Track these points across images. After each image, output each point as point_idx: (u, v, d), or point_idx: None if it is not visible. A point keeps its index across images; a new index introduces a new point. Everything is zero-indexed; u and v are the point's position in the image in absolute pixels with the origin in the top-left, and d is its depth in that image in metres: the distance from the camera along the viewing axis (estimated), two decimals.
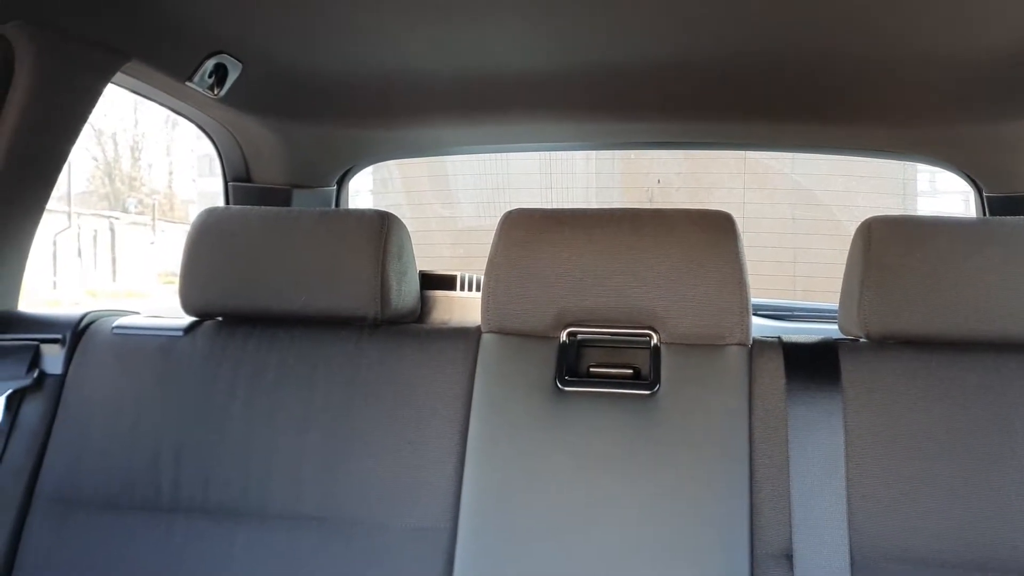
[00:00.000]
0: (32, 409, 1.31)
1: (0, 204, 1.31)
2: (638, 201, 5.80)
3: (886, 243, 1.20)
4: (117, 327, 1.36)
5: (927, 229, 1.20)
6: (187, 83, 1.52)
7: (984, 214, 1.94)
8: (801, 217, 5.71)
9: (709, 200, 5.64)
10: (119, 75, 1.42)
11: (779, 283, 5.52)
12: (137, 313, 1.45)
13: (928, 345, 1.20)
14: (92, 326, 1.38)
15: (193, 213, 6.42)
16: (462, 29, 1.41)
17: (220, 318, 1.38)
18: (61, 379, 1.33)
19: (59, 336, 1.35)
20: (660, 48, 1.46)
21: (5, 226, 1.34)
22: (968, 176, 1.94)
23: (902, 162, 1.94)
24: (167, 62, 1.47)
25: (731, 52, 1.46)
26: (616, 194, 6.11)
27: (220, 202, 1.95)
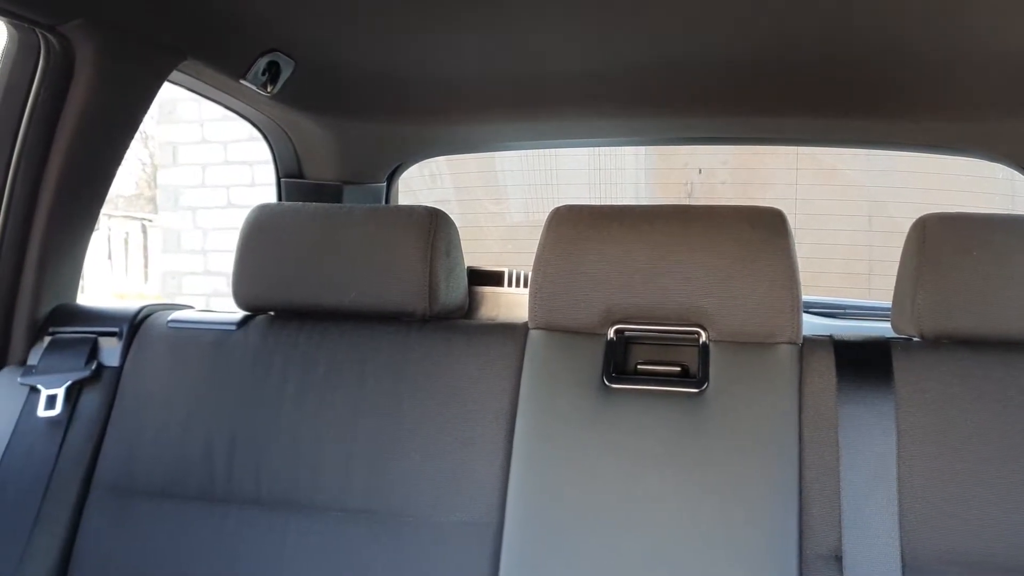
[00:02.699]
0: (90, 400, 1.34)
1: (60, 201, 1.35)
2: (676, 197, 5.53)
3: (941, 241, 1.17)
4: (172, 321, 1.39)
5: (983, 226, 1.17)
6: (241, 81, 1.55)
7: None
8: (878, 215, 5.35)
9: (764, 196, 5.41)
10: (174, 73, 1.45)
11: (845, 282, 5.23)
12: (191, 307, 1.47)
13: (983, 345, 1.17)
14: (148, 320, 1.40)
15: (158, 208, 5.74)
16: (511, 27, 1.41)
17: (272, 313, 1.40)
18: (118, 371, 1.36)
19: (116, 329, 1.38)
20: (710, 43, 1.45)
21: (65, 222, 1.38)
22: None
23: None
24: (222, 60, 1.49)
25: (783, 46, 1.44)
26: (645, 190, 5.83)
27: (184, 197, 1.94)
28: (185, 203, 5.71)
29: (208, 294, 5.61)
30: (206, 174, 5.62)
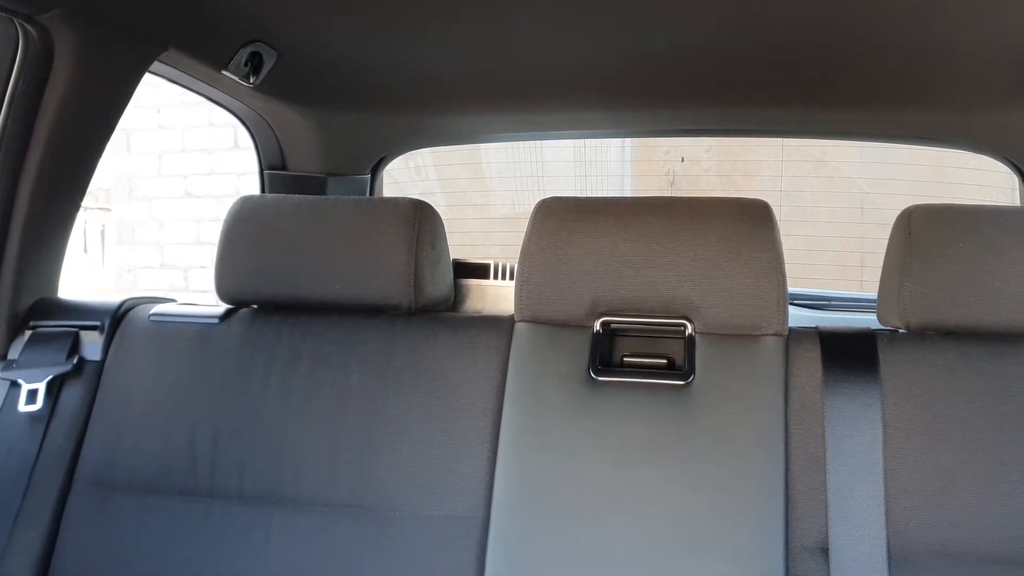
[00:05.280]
0: (72, 395, 1.33)
1: (40, 194, 1.33)
2: (658, 188, 5.43)
3: (927, 232, 1.18)
4: (154, 314, 1.38)
5: (969, 218, 1.18)
6: (223, 72, 1.53)
7: None
8: (870, 207, 5.21)
9: (749, 187, 5.34)
10: (156, 64, 1.43)
11: (837, 274, 5.14)
12: (173, 301, 1.46)
13: (969, 336, 1.18)
14: (130, 313, 1.39)
15: (112, 199, 5.41)
16: (496, 18, 1.40)
17: (255, 306, 1.39)
18: (100, 365, 1.35)
19: (98, 323, 1.37)
20: (694, 34, 1.44)
21: (46, 215, 1.36)
22: (1012, 163, 1.90)
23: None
24: (204, 51, 1.48)
25: (768, 38, 1.44)
26: (628, 181, 5.68)
27: (139, 187, 1.85)
28: (140, 193, 5.44)
29: (165, 289, 5.31)
30: (162, 162, 5.35)
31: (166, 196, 5.41)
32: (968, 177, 4.74)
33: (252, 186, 2.03)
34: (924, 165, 4.98)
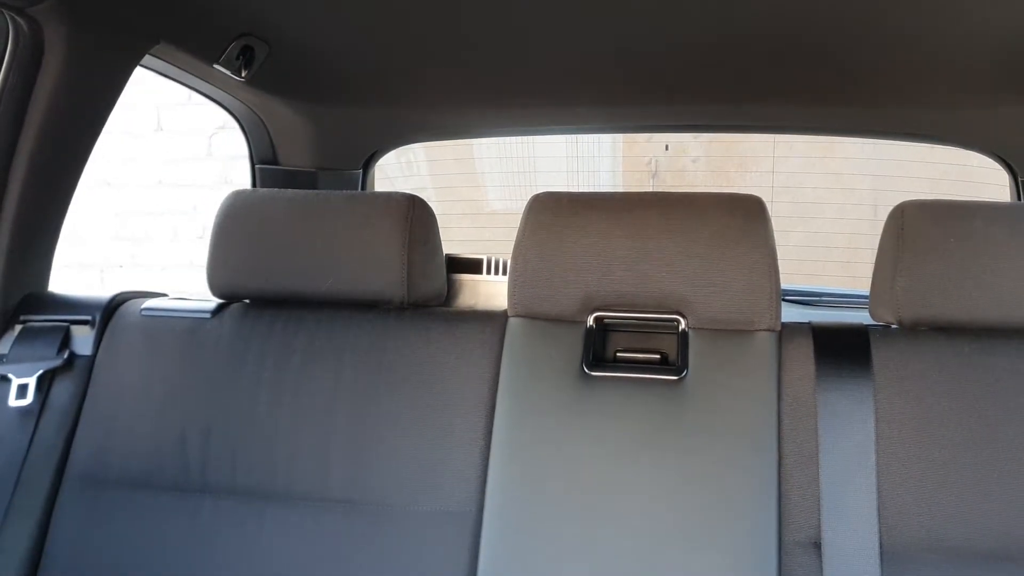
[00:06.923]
0: (62, 390, 1.32)
1: (31, 188, 1.32)
2: (638, 181, 5.32)
3: (919, 228, 1.18)
4: (146, 309, 1.37)
5: (961, 213, 1.18)
6: (214, 65, 1.52)
7: (1019, 199, 1.90)
8: (883, 204, 5.03)
9: (743, 182, 5.26)
10: (147, 57, 1.43)
11: (846, 271, 5.01)
12: (165, 295, 1.46)
13: (961, 332, 1.18)
14: (121, 308, 1.39)
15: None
16: (488, 13, 1.40)
17: (247, 300, 1.38)
18: (91, 360, 1.34)
19: (89, 317, 1.36)
20: (688, 30, 1.44)
21: (36, 209, 1.35)
22: (1002, 160, 1.91)
23: None
24: (195, 44, 1.47)
25: (759, 34, 1.44)
26: (616, 177, 5.55)
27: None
28: None
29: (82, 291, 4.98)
30: None
31: (81, 184, 5.07)
32: (990, 176, 4.70)
33: (179, 174, 1.99)
34: (942, 163, 4.94)
